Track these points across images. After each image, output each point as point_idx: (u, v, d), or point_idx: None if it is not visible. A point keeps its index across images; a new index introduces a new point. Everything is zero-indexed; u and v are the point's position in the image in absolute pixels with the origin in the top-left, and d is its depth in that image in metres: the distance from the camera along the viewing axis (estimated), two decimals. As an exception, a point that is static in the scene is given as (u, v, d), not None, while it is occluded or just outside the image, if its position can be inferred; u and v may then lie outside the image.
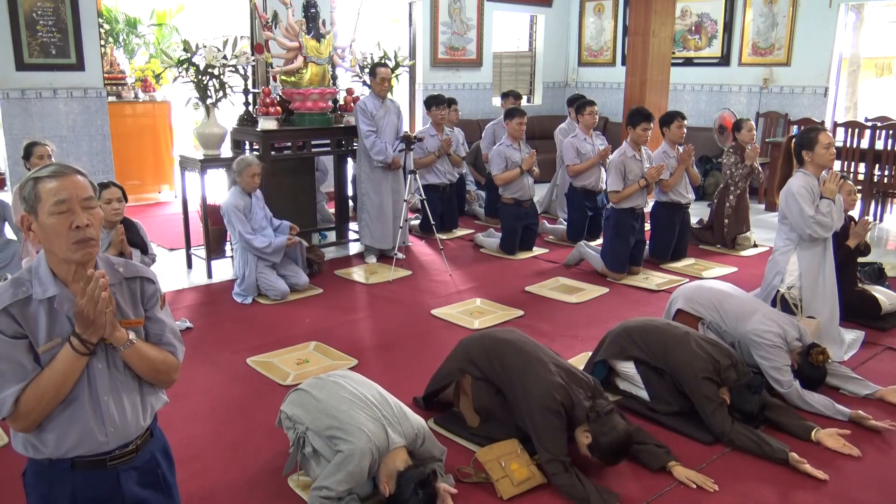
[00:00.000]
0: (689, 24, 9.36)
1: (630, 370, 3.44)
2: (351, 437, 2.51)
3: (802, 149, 3.95)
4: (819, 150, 3.88)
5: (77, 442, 1.75)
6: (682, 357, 3.19)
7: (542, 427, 2.76)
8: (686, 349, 3.21)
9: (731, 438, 3.04)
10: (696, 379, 3.12)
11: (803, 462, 2.89)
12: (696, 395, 3.14)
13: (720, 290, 3.86)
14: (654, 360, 3.33)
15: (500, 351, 3.05)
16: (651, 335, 3.38)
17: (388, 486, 2.49)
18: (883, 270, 5.07)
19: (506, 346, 3.07)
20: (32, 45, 6.16)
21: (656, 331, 3.40)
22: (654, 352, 3.33)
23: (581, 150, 6.35)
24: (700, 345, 3.25)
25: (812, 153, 3.90)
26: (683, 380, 3.18)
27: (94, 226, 1.72)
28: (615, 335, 3.51)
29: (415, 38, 9.18)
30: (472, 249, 6.37)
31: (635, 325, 3.50)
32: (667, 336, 3.34)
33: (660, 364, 3.30)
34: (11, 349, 1.67)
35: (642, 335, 3.40)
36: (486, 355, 3.08)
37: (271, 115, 5.55)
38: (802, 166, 3.98)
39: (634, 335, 3.42)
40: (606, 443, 2.70)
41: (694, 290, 3.95)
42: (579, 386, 2.88)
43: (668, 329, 3.40)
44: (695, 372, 3.13)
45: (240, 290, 4.94)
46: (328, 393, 2.72)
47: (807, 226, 3.85)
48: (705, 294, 3.85)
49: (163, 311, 1.90)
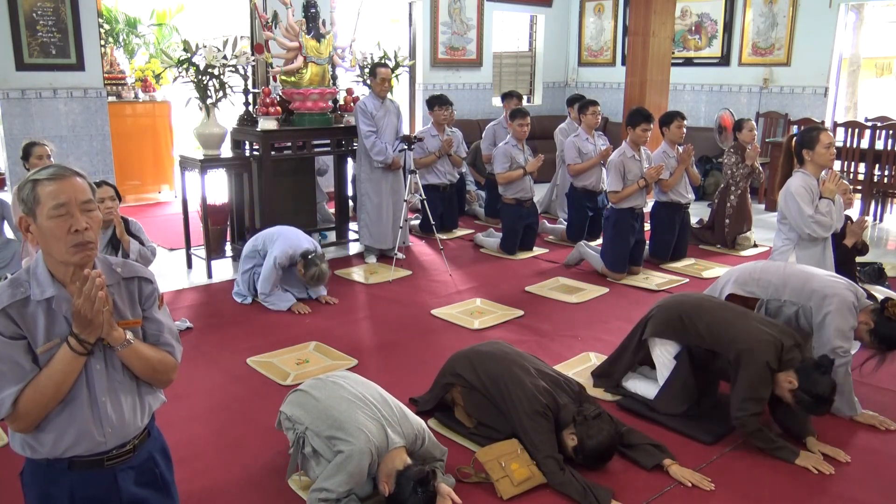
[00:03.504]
0: (689, 24, 9.36)
1: (666, 357, 3.32)
2: (350, 438, 2.51)
3: (803, 148, 3.95)
4: (820, 149, 3.88)
5: (74, 442, 1.75)
6: (745, 336, 3.03)
7: (532, 430, 2.82)
8: (750, 327, 3.07)
9: (748, 431, 2.99)
10: (757, 363, 2.96)
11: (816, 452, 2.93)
12: (744, 377, 2.99)
13: (774, 264, 3.72)
14: (708, 341, 3.16)
15: (484, 362, 3.10)
16: (708, 314, 3.22)
17: (388, 485, 2.49)
18: (883, 270, 5.07)
19: (488, 357, 3.12)
20: (32, 45, 6.16)
21: (715, 308, 3.26)
22: (713, 332, 3.15)
23: (583, 150, 6.35)
24: (764, 324, 3.10)
25: (812, 152, 3.90)
26: (742, 362, 3.00)
27: (93, 229, 1.72)
28: (666, 314, 3.35)
29: (415, 38, 9.18)
30: (472, 249, 6.37)
31: (690, 303, 3.33)
32: (728, 313, 3.20)
33: (716, 346, 3.14)
34: (10, 350, 1.67)
35: (698, 313, 3.24)
36: (472, 367, 3.12)
37: (271, 115, 5.55)
38: (802, 165, 3.98)
39: (690, 315, 3.24)
40: (591, 446, 2.76)
41: (746, 271, 3.71)
42: (563, 391, 2.97)
43: (728, 307, 3.27)
44: (755, 355, 2.97)
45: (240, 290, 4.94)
46: (328, 393, 2.72)
47: (805, 225, 3.85)
48: (757, 272, 3.63)
49: (161, 311, 1.90)
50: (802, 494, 2.77)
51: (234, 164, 5.68)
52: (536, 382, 2.93)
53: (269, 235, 4.84)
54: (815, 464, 2.93)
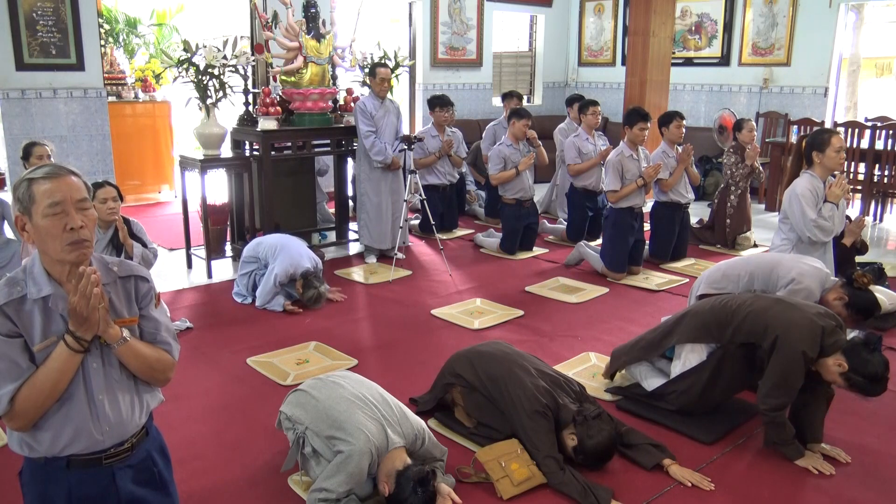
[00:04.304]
0: (689, 24, 9.36)
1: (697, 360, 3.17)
2: (350, 438, 2.50)
3: (813, 149, 3.93)
4: (830, 152, 3.87)
5: (72, 440, 1.75)
6: (782, 320, 2.88)
7: (532, 430, 2.82)
8: (788, 311, 2.92)
9: (771, 421, 2.91)
10: (792, 349, 2.81)
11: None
12: (777, 363, 2.86)
13: (736, 260, 3.79)
14: (744, 333, 3.02)
15: (484, 362, 3.10)
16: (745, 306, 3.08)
17: (388, 485, 2.48)
18: (883, 270, 5.06)
19: (489, 357, 3.12)
20: (32, 45, 6.16)
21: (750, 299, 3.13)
22: (749, 322, 3.01)
23: (583, 150, 6.35)
24: (802, 307, 2.96)
25: (822, 155, 3.89)
26: (777, 347, 2.86)
27: (88, 227, 1.72)
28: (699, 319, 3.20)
29: (415, 38, 9.18)
30: (472, 249, 6.37)
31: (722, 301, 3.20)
32: (763, 301, 3.06)
33: (752, 337, 2.99)
34: (7, 348, 1.67)
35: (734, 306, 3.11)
36: (472, 367, 3.12)
37: (271, 115, 5.55)
38: (811, 167, 3.97)
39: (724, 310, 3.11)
40: (591, 446, 2.76)
41: (712, 271, 3.79)
42: (563, 390, 2.96)
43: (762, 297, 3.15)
44: (791, 341, 2.82)
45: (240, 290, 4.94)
46: (328, 393, 2.72)
47: (807, 229, 3.85)
48: (722, 269, 3.71)
49: (157, 309, 1.90)
50: (802, 494, 2.77)
51: (234, 164, 5.68)
52: (536, 382, 2.93)
53: (270, 247, 4.81)
54: (815, 464, 2.91)
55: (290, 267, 4.67)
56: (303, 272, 4.68)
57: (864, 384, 2.78)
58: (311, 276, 4.70)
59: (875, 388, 2.80)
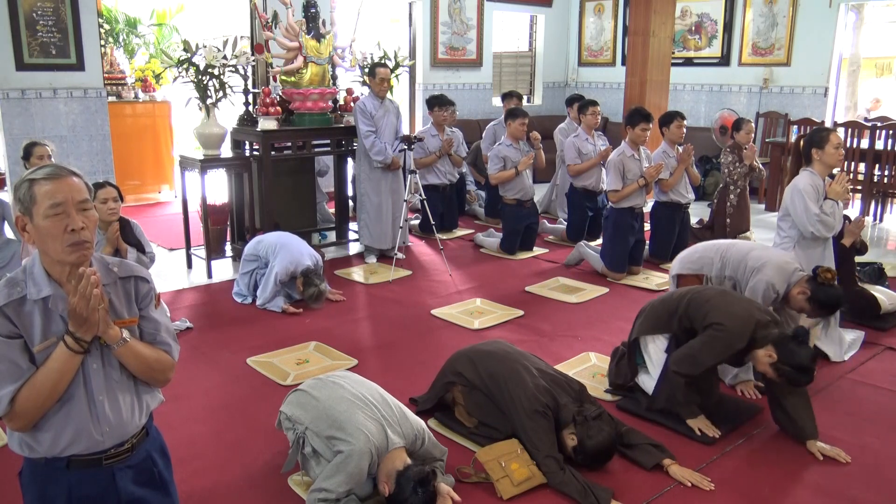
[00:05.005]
0: (689, 24, 9.36)
1: (658, 352, 3.33)
2: (350, 438, 2.51)
3: (812, 147, 3.96)
4: (829, 149, 3.90)
5: (72, 440, 1.75)
6: (719, 310, 3.08)
7: (532, 429, 2.82)
8: (726, 303, 3.12)
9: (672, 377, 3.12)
10: (718, 335, 3.03)
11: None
12: (698, 339, 3.08)
13: (714, 243, 3.95)
14: (687, 321, 3.20)
15: (485, 360, 3.10)
16: (689, 296, 3.27)
17: (388, 485, 2.49)
18: (883, 270, 5.07)
19: (490, 356, 3.12)
20: (32, 45, 6.16)
21: (696, 290, 3.31)
22: (691, 311, 3.19)
23: (583, 150, 6.35)
24: (741, 301, 3.17)
25: (822, 152, 3.92)
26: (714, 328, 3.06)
27: (89, 228, 1.72)
28: (651, 310, 3.41)
29: (415, 38, 9.18)
30: (472, 249, 6.37)
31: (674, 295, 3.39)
32: (707, 292, 3.25)
33: (694, 324, 3.17)
34: (7, 349, 1.67)
35: (680, 299, 3.29)
36: (473, 366, 3.12)
37: (271, 115, 5.54)
38: (810, 165, 3.99)
39: (673, 302, 3.30)
40: (591, 446, 2.76)
41: (688, 253, 3.99)
42: (564, 390, 2.96)
43: (707, 288, 3.36)
44: (724, 328, 3.03)
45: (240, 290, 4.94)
46: (328, 393, 2.72)
47: (811, 223, 3.86)
48: (699, 251, 3.90)
49: (157, 310, 1.90)
50: (802, 494, 2.77)
51: (234, 164, 5.68)
52: (537, 382, 2.93)
53: (271, 245, 4.81)
54: (700, 425, 3.10)
55: (291, 264, 4.67)
56: (303, 270, 4.68)
57: (792, 374, 2.95)
58: (311, 274, 4.69)
59: (801, 377, 2.96)
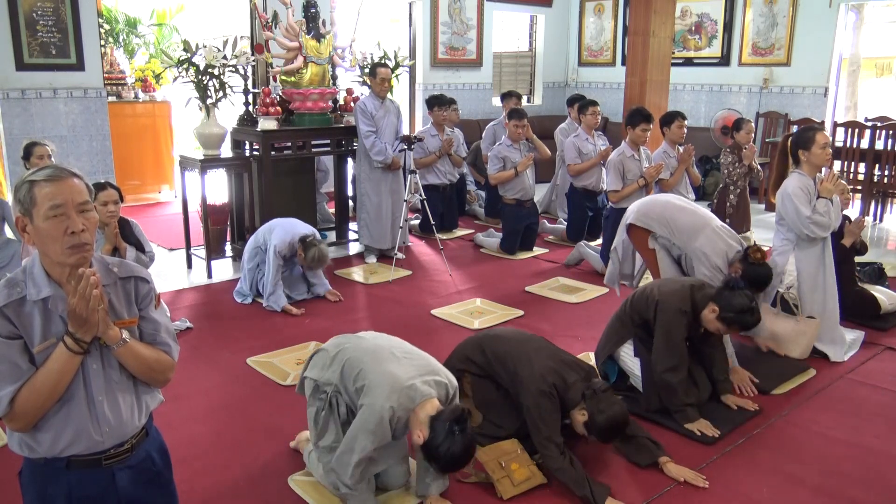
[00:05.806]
0: (689, 24, 9.36)
1: (630, 359, 3.43)
2: (375, 388, 2.44)
3: (799, 148, 3.95)
4: (815, 149, 3.88)
5: (72, 441, 1.75)
6: (659, 292, 3.31)
7: (535, 409, 2.79)
8: (663, 285, 3.40)
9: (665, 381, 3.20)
10: (669, 310, 3.24)
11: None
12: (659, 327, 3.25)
13: (673, 205, 4.08)
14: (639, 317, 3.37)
15: (493, 343, 3.10)
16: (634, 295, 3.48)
17: (422, 432, 2.40)
18: (883, 270, 5.07)
19: (498, 338, 3.13)
20: (32, 45, 6.16)
21: (639, 289, 3.51)
22: (637, 304, 3.40)
23: (583, 150, 6.35)
24: (675, 280, 3.51)
25: (808, 153, 3.91)
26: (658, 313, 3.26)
27: (90, 230, 1.72)
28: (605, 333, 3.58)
29: (415, 38, 9.18)
30: (472, 249, 6.37)
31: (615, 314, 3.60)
32: (648, 284, 3.47)
33: (645, 314, 3.35)
34: (6, 349, 1.67)
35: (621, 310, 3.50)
36: (481, 348, 3.11)
37: (271, 115, 5.55)
38: (798, 166, 3.99)
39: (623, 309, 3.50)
40: (603, 419, 2.70)
41: (647, 204, 4.10)
42: (573, 370, 2.90)
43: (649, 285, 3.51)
44: (668, 304, 3.25)
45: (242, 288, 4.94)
46: (354, 344, 2.70)
47: (804, 226, 3.85)
48: (658, 209, 4.02)
49: (157, 310, 1.90)
50: (802, 494, 2.77)
51: (234, 164, 5.68)
52: (545, 363, 2.88)
53: (267, 229, 4.88)
54: (700, 427, 3.14)
55: (287, 234, 4.71)
56: (301, 237, 4.70)
57: (737, 318, 3.17)
58: (309, 238, 4.70)
59: (746, 318, 3.18)
